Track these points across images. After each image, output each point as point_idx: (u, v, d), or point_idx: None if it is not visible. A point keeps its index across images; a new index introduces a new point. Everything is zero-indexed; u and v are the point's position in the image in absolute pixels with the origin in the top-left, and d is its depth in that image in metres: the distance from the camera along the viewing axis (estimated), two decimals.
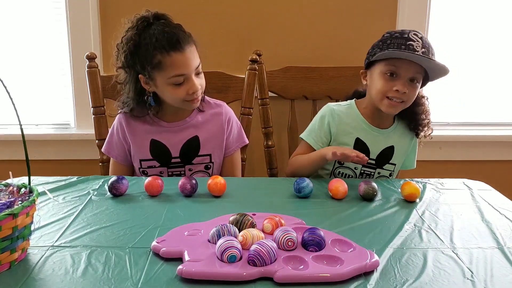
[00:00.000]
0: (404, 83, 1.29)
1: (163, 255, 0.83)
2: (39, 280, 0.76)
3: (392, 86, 1.29)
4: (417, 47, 1.25)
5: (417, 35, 1.28)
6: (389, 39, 1.31)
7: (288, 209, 1.06)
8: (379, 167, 1.41)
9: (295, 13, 1.80)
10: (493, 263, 0.84)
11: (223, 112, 1.43)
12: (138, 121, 1.38)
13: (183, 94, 1.28)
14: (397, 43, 1.28)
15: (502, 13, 1.89)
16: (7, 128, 1.82)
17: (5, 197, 0.83)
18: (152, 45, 1.24)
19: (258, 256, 0.78)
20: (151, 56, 1.24)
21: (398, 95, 1.29)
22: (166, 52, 1.24)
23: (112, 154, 1.42)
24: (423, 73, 1.30)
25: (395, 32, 1.31)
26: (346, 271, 0.78)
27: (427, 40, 1.29)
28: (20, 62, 1.81)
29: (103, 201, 1.10)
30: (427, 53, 1.26)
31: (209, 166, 1.41)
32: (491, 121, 2.00)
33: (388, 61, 1.30)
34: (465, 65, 1.93)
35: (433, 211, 1.08)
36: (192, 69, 1.28)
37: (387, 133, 1.40)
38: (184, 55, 1.25)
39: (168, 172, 1.39)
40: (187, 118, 1.39)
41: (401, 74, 1.29)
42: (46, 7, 1.77)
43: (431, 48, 1.29)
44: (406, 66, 1.28)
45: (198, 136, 1.38)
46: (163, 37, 1.24)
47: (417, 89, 1.32)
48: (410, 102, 1.33)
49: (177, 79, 1.26)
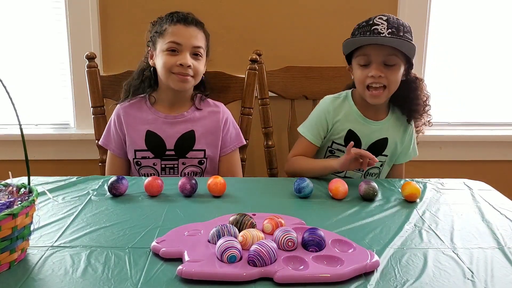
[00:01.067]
0: (378, 67, 1.28)
1: (163, 255, 0.83)
2: (38, 281, 0.76)
3: (367, 73, 1.29)
4: (382, 29, 1.25)
5: (382, 18, 1.27)
6: (356, 30, 1.32)
7: (288, 209, 1.06)
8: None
9: (295, 13, 1.80)
10: (493, 263, 0.84)
11: (221, 111, 1.45)
12: (135, 111, 1.41)
13: (172, 62, 1.33)
14: (362, 31, 1.29)
15: (502, 13, 1.89)
16: (7, 128, 1.82)
17: (4, 197, 0.83)
18: (166, 18, 1.37)
19: (258, 257, 0.78)
20: (160, 26, 1.36)
21: (375, 81, 1.28)
22: (172, 22, 1.35)
23: (109, 146, 1.44)
24: (401, 54, 1.28)
25: (363, 22, 1.31)
26: (347, 272, 0.78)
27: (396, 20, 1.27)
28: (20, 62, 1.81)
29: (103, 201, 1.10)
30: (396, 33, 1.25)
31: (203, 161, 1.42)
32: (491, 121, 2.00)
33: (359, 51, 1.31)
34: (465, 65, 1.93)
35: (433, 211, 1.08)
36: (189, 44, 1.34)
37: (381, 125, 1.39)
38: (187, 29, 1.35)
39: (161, 164, 1.40)
40: (184, 112, 1.41)
41: (373, 60, 1.29)
42: (46, 7, 1.77)
43: (403, 26, 1.27)
44: (375, 51, 1.27)
45: (194, 131, 1.40)
46: (178, 14, 1.37)
47: (396, 72, 1.30)
48: (393, 86, 1.31)
49: (172, 45, 1.33)
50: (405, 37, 1.26)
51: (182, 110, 1.42)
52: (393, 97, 1.37)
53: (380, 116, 1.40)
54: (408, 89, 1.37)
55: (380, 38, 1.24)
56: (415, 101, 1.38)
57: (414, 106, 1.38)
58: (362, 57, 1.30)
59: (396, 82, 1.31)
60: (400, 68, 1.30)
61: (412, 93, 1.37)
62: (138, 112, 1.41)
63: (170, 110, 1.41)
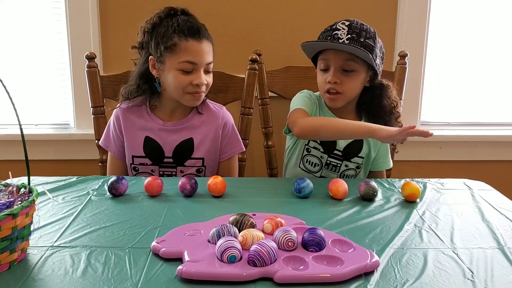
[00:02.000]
0: (335, 73, 1.28)
1: (163, 255, 0.83)
2: (38, 281, 0.76)
3: (325, 78, 1.30)
4: (342, 34, 1.24)
5: (345, 23, 1.27)
6: (320, 34, 1.32)
7: (288, 209, 1.06)
8: (346, 159, 1.40)
9: (295, 13, 1.80)
10: (493, 263, 0.84)
11: (220, 117, 1.42)
12: (134, 116, 1.38)
13: (187, 83, 1.28)
14: (325, 36, 1.29)
15: (502, 13, 1.89)
16: (7, 128, 1.82)
17: (4, 197, 0.83)
18: (172, 28, 1.26)
19: (258, 257, 0.78)
20: (168, 38, 1.26)
21: (332, 86, 1.29)
22: (184, 37, 1.26)
23: (110, 148, 1.42)
24: (361, 60, 1.27)
25: (328, 26, 1.31)
26: (346, 272, 0.78)
27: (360, 25, 1.27)
28: (20, 62, 1.81)
29: (103, 201, 1.10)
30: (355, 38, 1.24)
31: (201, 169, 1.40)
32: (491, 121, 2.00)
33: (320, 55, 1.32)
34: (465, 65, 1.93)
35: (433, 211, 1.08)
36: (203, 62, 1.29)
37: None
38: (200, 45, 1.28)
39: (159, 171, 1.38)
40: (183, 119, 1.39)
41: (331, 65, 1.29)
42: (46, 7, 1.77)
43: (365, 32, 1.26)
44: (333, 56, 1.28)
45: (192, 139, 1.38)
46: (185, 24, 1.27)
47: (354, 78, 1.29)
48: (350, 92, 1.31)
49: (186, 65, 1.27)
50: (366, 42, 1.25)
51: (182, 117, 1.39)
52: (359, 103, 1.38)
53: (352, 118, 1.38)
54: (371, 96, 1.36)
55: (336, 44, 1.24)
56: (380, 108, 1.36)
57: (379, 113, 1.36)
58: (322, 61, 1.32)
59: (354, 88, 1.31)
60: (360, 74, 1.29)
61: (376, 99, 1.36)
62: (137, 117, 1.38)
63: (170, 117, 1.39)
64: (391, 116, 1.38)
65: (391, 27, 1.83)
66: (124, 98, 1.38)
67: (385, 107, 1.36)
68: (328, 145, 1.38)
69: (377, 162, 1.44)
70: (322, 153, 1.39)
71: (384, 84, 1.37)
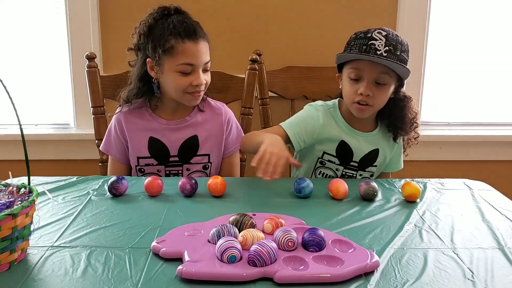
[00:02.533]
0: (368, 85, 1.24)
1: (163, 255, 0.83)
2: (38, 281, 0.76)
3: (356, 89, 1.26)
4: (379, 46, 1.20)
5: (382, 33, 1.23)
6: (353, 40, 1.27)
7: (288, 209, 1.06)
8: (362, 169, 1.38)
9: (295, 13, 1.80)
10: (493, 264, 0.84)
11: (223, 113, 1.43)
12: (136, 117, 1.38)
13: (187, 84, 1.28)
14: (359, 44, 1.24)
15: (502, 13, 1.89)
16: (7, 128, 1.82)
17: (4, 197, 0.83)
18: (168, 30, 1.26)
19: (258, 257, 0.78)
20: (165, 40, 1.25)
21: (363, 99, 1.25)
22: (180, 39, 1.25)
23: (110, 152, 1.42)
24: (394, 74, 1.24)
25: (361, 32, 1.26)
26: (347, 272, 0.78)
27: (396, 37, 1.24)
28: (20, 62, 1.81)
29: (103, 201, 1.09)
30: (393, 51, 1.21)
31: (207, 166, 1.41)
32: (491, 121, 2.00)
33: (352, 63, 1.27)
34: (465, 65, 1.93)
35: (433, 211, 1.08)
36: (201, 62, 1.29)
37: (371, 137, 1.36)
38: (197, 46, 1.27)
39: (165, 171, 1.38)
40: (186, 117, 1.39)
41: (364, 77, 1.25)
42: (46, 7, 1.77)
43: (400, 45, 1.23)
44: (368, 68, 1.23)
45: (197, 136, 1.38)
46: (181, 25, 1.26)
47: (386, 91, 1.27)
48: (379, 105, 1.30)
49: (185, 67, 1.27)
50: (401, 56, 1.23)
51: (184, 115, 1.39)
52: (380, 112, 1.36)
53: (367, 128, 1.37)
54: (395, 107, 1.35)
55: (377, 58, 1.20)
56: (401, 119, 1.35)
57: (400, 124, 1.35)
58: (354, 70, 1.26)
59: (384, 101, 1.30)
60: (390, 87, 1.28)
61: (398, 111, 1.35)
62: (139, 118, 1.37)
63: (172, 116, 1.38)
64: (411, 127, 1.38)
65: (391, 27, 1.81)
66: (125, 102, 1.38)
67: (407, 118, 1.36)
68: (344, 158, 1.36)
69: (390, 164, 1.44)
70: (338, 165, 1.37)
71: (407, 96, 1.36)
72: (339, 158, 1.36)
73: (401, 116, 1.35)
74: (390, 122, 1.37)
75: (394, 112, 1.35)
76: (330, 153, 1.36)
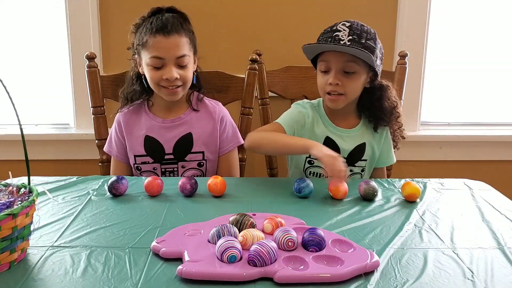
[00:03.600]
0: (336, 74, 1.28)
1: (163, 255, 0.83)
2: (38, 281, 0.76)
3: (326, 80, 1.30)
4: (343, 36, 1.24)
5: (345, 24, 1.27)
6: (320, 36, 1.32)
7: (288, 209, 1.06)
8: (351, 164, 1.40)
9: (295, 13, 1.80)
10: (493, 263, 0.84)
11: (217, 111, 1.44)
12: (134, 117, 1.41)
13: (158, 78, 1.31)
14: (325, 37, 1.28)
15: (502, 13, 1.89)
16: (7, 128, 1.82)
17: (4, 197, 0.83)
18: (146, 27, 1.31)
19: (258, 257, 0.78)
20: (142, 36, 1.31)
21: (333, 88, 1.29)
22: (152, 33, 1.29)
23: (112, 153, 1.45)
24: (362, 62, 1.27)
25: (328, 27, 1.31)
26: (347, 272, 0.78)
27: (360, 26, 1.27)
28: (20, 62, 1.81)
29: (103, 201, 1.10)
30: (357, 39, 1.24)
31: (202, 163, 1.42)
32: (491, 121, 2.00)
33: (321, 56, 1.32)
34: (466, 65, 1.93)
35: (433, 211, 1.08)
36: (171, 56, 1.30)
37: (355, 132, 1.39)
38: (167, 40, 1.29)
39: (161, 168, 1.40)
40: (181, 115, 1.41)
41: (332, 67, 1.29)
42: (46, 7, 1.77)
43: (366, 33, 1.26)
44: (334, 58, 1.28)
45: (191, 133, 1.40)
46: (157, 21, 1.29)
47: (355, 79, 1.29)
48: (352, 93, 1.31)
49: (155, 60, 1.30)
50: (367, 44, 1.25)
51: (179, 112, 1.41)
52: (360, 104, 1.38)
53: (351, 124, 1.39)
54: (371, 97, 1.37)
55: (337, 46, 1.24)
56: (380, 109, 1.37)
57: (379, 114, 1.37)
58: (322, 63, 1.31)
59: (355, 90, 1.31)
60: (360, 75, 1.30)
61: (376, 101, 1.37)
62: (137, 117, 1.41)
63: (167, 113, 1.41)
64: (391, 117, 1.39)
65: (391, 27, 1.83)
66: (126, 102, 1.41)
67: (386, 108, 1.37)
68: None
69: (381, 159, 1.45)
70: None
71: (384, 85, 1.38)
72: None
73: (379, 106, 1.37)
74: (370, 113, 1.39)
75: (372, 101, 1.37)
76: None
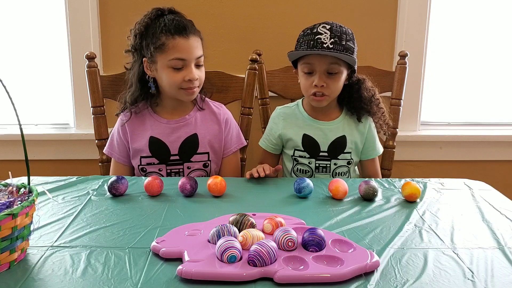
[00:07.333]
0: (321, 76, 1.33)
1: (163, 255, 0.83)
2: (38, 280, 0.76)
3: (311, 82, 1.34)
4: (325, 39, 1.29)
5: (326, 26, 1.31)
6: (301, 38, 1.36)
7: (288, 209, 1.06)
8: (334, 158, 1.43)
9: (295, 13, 1.80)
10: (493, 263, 0.84)
11: (222, 113, 1.45)
12: (139, 118, 1.40)
13: (180, 79, 1.30)
14: (307, 40, 1.32)
15: (502, 14, 1.89)
16: (7, 128, 1.82)
17: (4, 197, 0.83)
18: (160, 28, 1.30)
19: (258, 257, 0.78)
20: (157, 38, 1.30)
21: (318, 90, 1.34)
22: (170, 35, 1.29)
23: (113, 155, 1.44)
24: (343, 62, 1.33)
25: (307, 29, 1.35)
26: (347, 272, 0.78)
27: (339, 28, 1.32)
28: (20, 62, 1.81)
29: (103, 201, 1.10)
30: (338, 42, 1.29)
31: (207, 164, 1.42)
32: (491, 121, 2.00)
33: (304, 59, 1.35)
34: (466, 65, 1.93)
35: (433, 211, 1.08)
36: (192, 57, 1.31)
37: (334, 124, 1.43)
38: (187, 41, 1.30)
39: (167, 169, 1.40)
40: (186, 116, 1.41)
41: (316, 69, 1.33)
42: (46, 7, 1.77)
43: (345, 35, 1.31)
44: (318, 61, 1.32)
45: (197, 134, 1.40)
46: (171, 23, 1.30)
47: (338, 79, 1.35)
48: (335, 93, 1.38)
49: (176, 62, 1.30)
50: (347, 45, 1.31)
51: (184, 114, 1.41)
52: (340, 98, 1.44)
53: (332, 116, 1.45)
54: (350, 91, 1.43)
55: (324, 51, 1.29)
56: (359, 99, 1.43)
57: (359, 104, 1.43)
58: (306, 65, 1.35)
59: (338, 89, 1.38)
60: (342, 74, 1.36)
61: (355, 93, 1.43)
62: (141, 119, 1.40)
63: (172, 115, 1.41)
64: (372, 104, 1.45)
65: (391, 27, 1.83)
66: (131, 104, 1.39)
67: (365, 97, 1.44)
68: (311, 150, 1.43)
69: (366, 151, 1.48)
70: (309, 158, 1.44)
71: (360, 79, 1.45)
72: (308, 151, 1.44)
73: (358, 97, 1.43)
74: (351, 106, 1.45)
75: (352, 95, 1.43)
76: (298, 148, 1.44)
